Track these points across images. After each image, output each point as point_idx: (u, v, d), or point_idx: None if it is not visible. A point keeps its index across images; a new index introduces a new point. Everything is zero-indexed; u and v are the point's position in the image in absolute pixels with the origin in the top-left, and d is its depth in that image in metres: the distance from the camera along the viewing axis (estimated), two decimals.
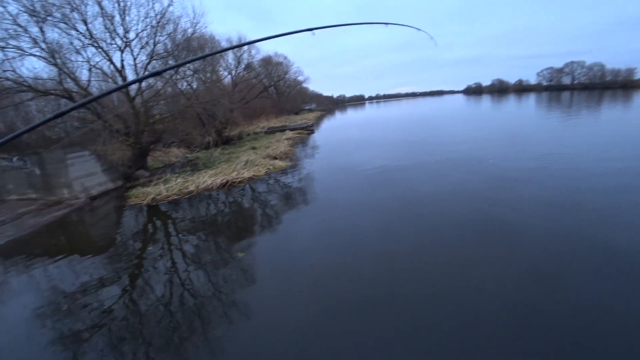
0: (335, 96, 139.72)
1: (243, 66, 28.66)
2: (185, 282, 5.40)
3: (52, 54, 12.54)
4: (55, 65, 12.72)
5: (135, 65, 15.18)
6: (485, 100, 68.35)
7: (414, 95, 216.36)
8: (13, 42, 11.77)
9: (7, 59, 11.92)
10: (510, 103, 52.42)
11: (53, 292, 5.55)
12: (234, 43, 28.30)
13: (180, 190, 11.10)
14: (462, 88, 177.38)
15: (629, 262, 4.64)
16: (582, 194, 7.46)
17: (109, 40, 14.10)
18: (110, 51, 14.29)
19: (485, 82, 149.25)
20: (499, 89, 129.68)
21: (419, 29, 3.13)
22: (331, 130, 31.89)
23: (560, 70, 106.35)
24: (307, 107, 67.06)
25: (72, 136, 13.70)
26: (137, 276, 5.78)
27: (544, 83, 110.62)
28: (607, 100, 40.02)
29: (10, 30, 11.58)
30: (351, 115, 57.45)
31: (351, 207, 8.16)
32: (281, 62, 41.11)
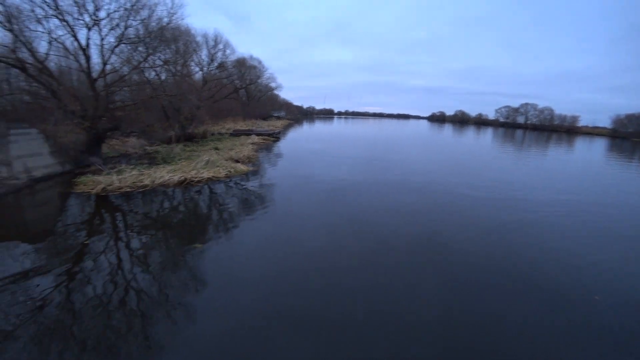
0: (305, 107, 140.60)
1: (216, 64, 28.14)
2: (128, 278, 5.20)
3: (9, 19, 11.64)
4: (11, 31, 11.80)
5: (101, 46, 14.45)
6: (448, 129, 72.67)
7: (381, 115, 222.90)
8: None
9: None
10: (473, 134, 56.25)
11: None
12: (210, 39, 27.80)
13: (134, 183, 10.65)
14: (427, 114, 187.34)
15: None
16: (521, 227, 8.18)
17: (76, 15, 13.33)
18: (76, 27, 13.50)
19: (449, 111, 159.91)
20: (461, 120, 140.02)
21: None
22: (297, 140, 32.00)
23: (516, 110, 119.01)
24: (276, 114, 66.79)
25: (19, 110, 12.69)
26: (75, 270, 5.44)
27: (501, 119, 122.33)
28: (556, 142, 45.00)
29: None
30: (319, 127, 58.00)
31: (305, 219, 8.36)
32: (255, 66, 40.89)
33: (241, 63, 36.74)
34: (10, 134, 10.56)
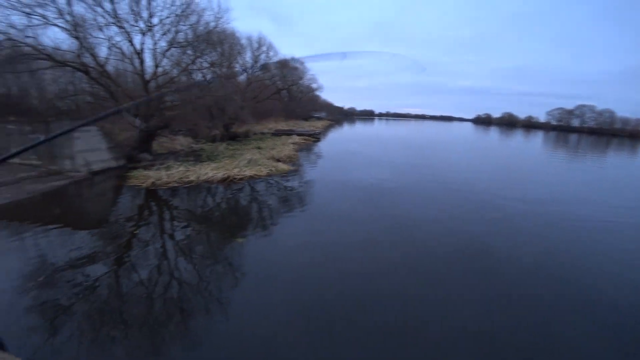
0: (345, 108, 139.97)
1: (259, 66, 28.97)
2: (171, 268, 5.43)
3: (75, 27, 12.68)
4: (77, 38, 12.86)
5: (154, 50, 15.36)
6: (494, 132, 68.94)
7: (423, 117, 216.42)
8: (39, 10, 11.91)
9: (30, 26, 12.04)
10: (521, 138, 52.90)
11: (39, 261, 5.55)
12: (254, 41, 28.61)
13: (180, 178, 11.14)
14: (471, 117, 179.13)
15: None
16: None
17: (132, 22, 14.28)
18: (132, 33, 14.44)
19: (495, 113, 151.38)
20: (508, 123, 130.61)
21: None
22: (337, 141, 31.98)
23: (570, 112, 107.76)
24: (317, 115, 67.11)
25: (82, 110, 13.80)
26: (125, 257, 5.79)
27: (553, 122, 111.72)
28: (616, 148, 41.09)
29: None
30: (359, 129, 57.67)
31: (342, 221, 8.11)
32: (297, 67, 41.24)
33: (283, 64, 37.23)
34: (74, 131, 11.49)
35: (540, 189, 12.84)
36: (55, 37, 13.49)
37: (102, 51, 14.32)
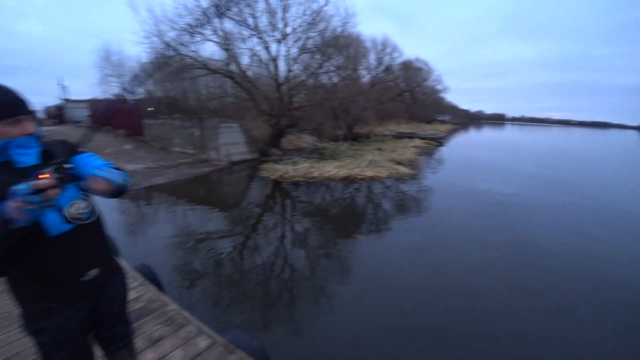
0: (472, 111, 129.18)
1: (383, 68, 28.75)
2: (287, 255, 5.65)
3: (225, 41, 14.62)
4: (226, 50, 14.79)
5: (287, 56, 16.60)
6: None
7: (568, 123, 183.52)
8: (199, 29, 14.09)
9: (192, 42, 14.36)
10: None
11: (185, 230, 6.59)
12: (378, 44, 28.57)
13: (305, 173, 11.62)
14: (637, 123, 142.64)
15: None
16: None
17: (269, 33, 15.74)
18: (269, 42, 15.95)
19: None
20: None
21: None
22: (462, 146, 29.25)
23: None
24: (440, 118, 63.45)
25: (226, 109, 15.86)
26: (250, 238, 6.30)
27: None
28: None
29: (199, 20, 13.88)
30: (487, 134, 51.94)
31: (459, 236, 6.91)
32: (421, 68, 39.50)
33: (407, 66, 36.22)
34: (220, 127, 13.31)
35: None
36: (210, 50, 15.76)
37: (245, 60, 16.20)
